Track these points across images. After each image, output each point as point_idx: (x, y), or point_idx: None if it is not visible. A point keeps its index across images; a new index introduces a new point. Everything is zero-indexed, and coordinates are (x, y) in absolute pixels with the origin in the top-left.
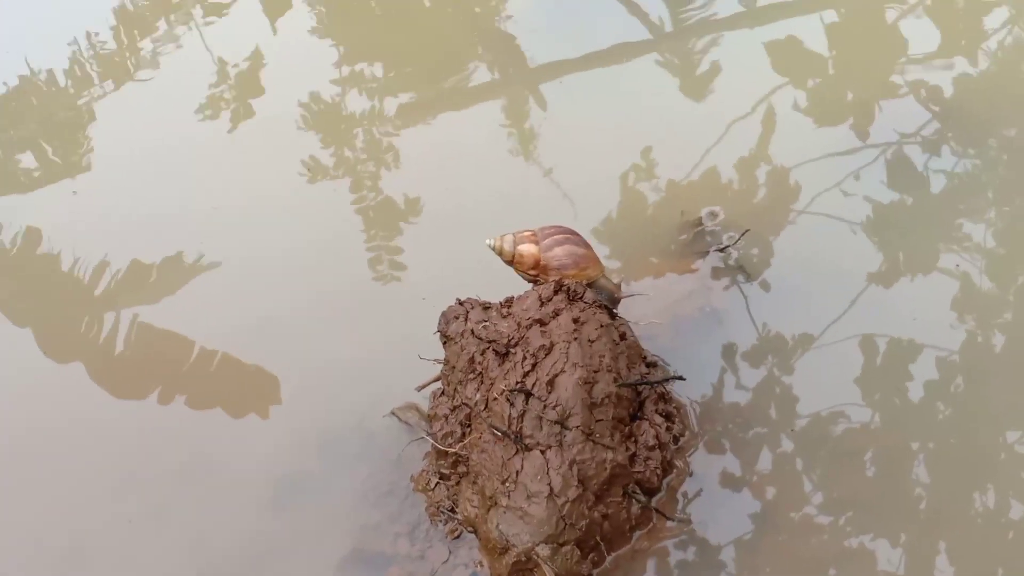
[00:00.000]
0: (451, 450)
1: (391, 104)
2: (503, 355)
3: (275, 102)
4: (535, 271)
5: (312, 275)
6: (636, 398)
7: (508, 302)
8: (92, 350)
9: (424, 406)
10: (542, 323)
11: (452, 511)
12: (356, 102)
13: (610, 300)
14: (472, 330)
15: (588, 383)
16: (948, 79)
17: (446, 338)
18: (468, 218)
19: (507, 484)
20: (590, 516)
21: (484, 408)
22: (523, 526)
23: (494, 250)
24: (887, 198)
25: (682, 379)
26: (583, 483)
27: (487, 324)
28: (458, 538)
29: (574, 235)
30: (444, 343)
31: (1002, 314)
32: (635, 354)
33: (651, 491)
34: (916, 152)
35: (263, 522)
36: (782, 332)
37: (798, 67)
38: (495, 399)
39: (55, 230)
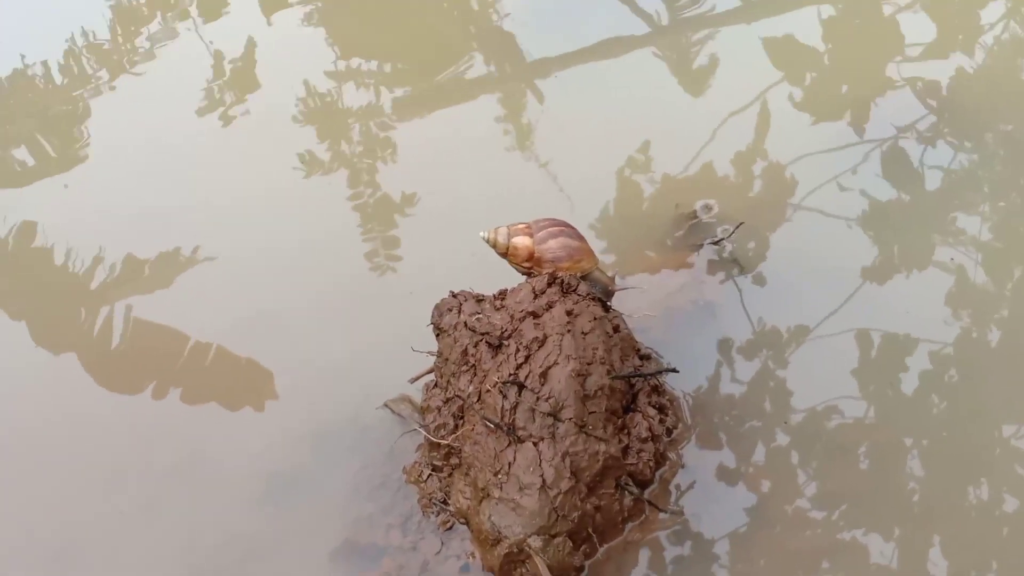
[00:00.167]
0: (444, 442)
1: (387, 99)
2: (496, 347)
3: (270, 96)
4: (529, 263)
5: (307, 269)
6: (629, 390)
7: (502, 294)
8: (86, 343)
9: (417, 398)
10: (535, 315)
11: (444, 503)
12: (352, 97)
13: (604, 293)
14: (465, 322)
15: (581, 375)
16: (945, 74)
17: (439, 330)
18: (463, 213)
19: (499, 476)
20: (582, 508)
21: (477, 400)
22: (515, 518)
23: (488, 242)
24: (883, 193)
25: (675, 371)
26: (576, 475)
27: (480, 316)
28: (450, 529)
29: (568, 228)
30: (437, 335)
31: (997, 310)
32: (628, 346)
33: (644, 483)
34: (912, 147)
35: (255, 515)
36: (776, 326)
37: (794, 62)
38: (488, 391)
39: (50, 224)
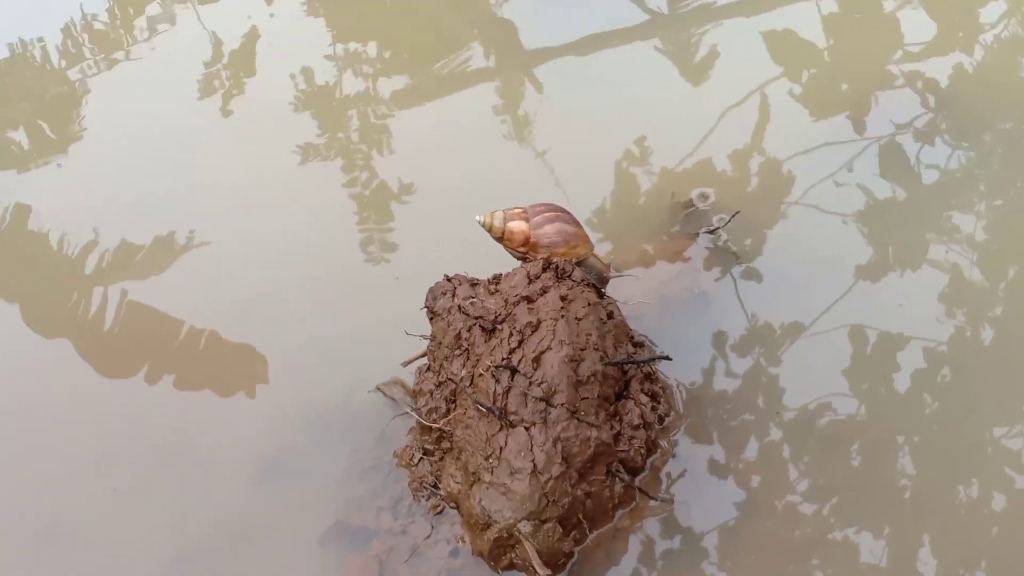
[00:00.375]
0: (435, 425)
1: (384, 86)
2: (490, 331)
3: (269, 83)
4: (525, 248)
5: (301, 254)
6: (622, 377)
7: (496, 279)
8: (79, 326)
9: (409, 382)
10: (530, 300)
11: (435, 487)
12: (350, 84)
13: (599, 279)
14: (459, 306)
15: (574, 361)
16: (944, 72)
17: (433, 314)
18: (459, 201)
19: (490, 460)
20: (573, 494)
21: (469, 384)
22: (505, 502)
23: (484, 226)
24: (880, 189)
25: (668, 359)
26: (567, 460)
27: (474, 300)
28: (440, 513)
29: (564, 213)
30: (431, 319)
31: (991, 308)
32: (622, 333)
33: (635, 470)
34: (910, 144)
35: (247, 497)
36: (770, 319)
37: (794, 56)
38: (481, 375)
39: (44, 207)
